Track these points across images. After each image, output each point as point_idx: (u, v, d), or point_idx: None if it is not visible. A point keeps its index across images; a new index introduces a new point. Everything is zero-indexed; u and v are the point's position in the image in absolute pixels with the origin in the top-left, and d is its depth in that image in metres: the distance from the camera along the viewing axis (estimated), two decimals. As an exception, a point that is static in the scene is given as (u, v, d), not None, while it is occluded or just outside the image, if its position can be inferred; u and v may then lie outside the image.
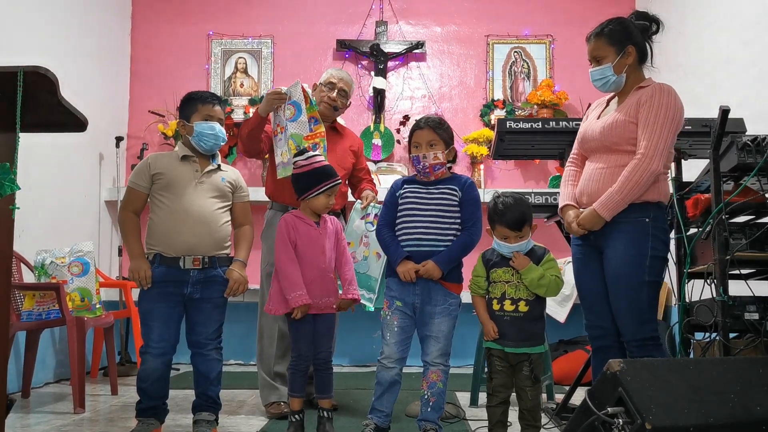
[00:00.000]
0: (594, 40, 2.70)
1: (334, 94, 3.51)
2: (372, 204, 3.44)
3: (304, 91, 3.22)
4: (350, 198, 3.74)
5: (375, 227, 3.03)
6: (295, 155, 2.94)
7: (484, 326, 2.69)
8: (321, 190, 2.83)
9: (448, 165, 2.84)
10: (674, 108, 2.56)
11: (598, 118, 2.74)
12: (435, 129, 2.80)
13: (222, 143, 2.94)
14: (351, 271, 2.92)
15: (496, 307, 2.67)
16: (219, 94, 5.57)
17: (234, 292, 2.88)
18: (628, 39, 2.66)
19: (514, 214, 2.63)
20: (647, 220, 2.56)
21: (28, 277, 3.92)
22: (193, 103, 2.94)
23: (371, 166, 5.52)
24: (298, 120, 3.20)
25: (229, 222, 2.95)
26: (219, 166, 2.96)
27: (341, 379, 3.70)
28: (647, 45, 2.71)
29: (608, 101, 2.80)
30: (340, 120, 4.08)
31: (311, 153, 2.92)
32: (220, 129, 2.92)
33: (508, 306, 2.64)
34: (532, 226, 2.69)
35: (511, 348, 2.63)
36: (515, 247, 2.65)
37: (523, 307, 2.63)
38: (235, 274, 2.88)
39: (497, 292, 2.68)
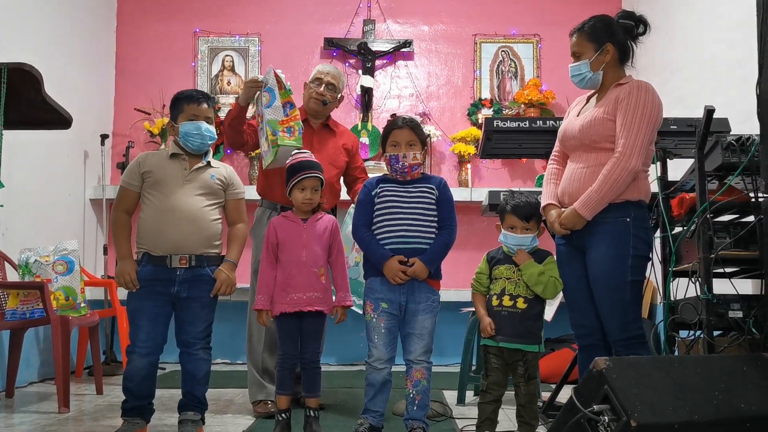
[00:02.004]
0: (576, 35, 2.72)
1: (322, 89, 3.49)
2: None
3: (276, 76, 3.22)
4: (344, 196, 3.72)
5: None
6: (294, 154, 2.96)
7: (481, 322, 2.71)
8: (292, 184, 2.85)
9: None
10: (652, 105, 2.57)
11: (578, 115, 2.76)
12: (414, 129, 2.82)
13: (210, 141, 2.91)
14: (343, 276, 2.89)
15: (495, 302, 2.69)
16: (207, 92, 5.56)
17: (219, 293, 2.87)
18: (608, 37, 2.67)
19: (525, 207, 2.70)
20: (628, 219, 2.57)
21: (12, 276, 3.88)
22: (179, 104, 2.92)
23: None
24: (273, 106, 3.19)
25: (219, 220, 2.93)
26: (209, 163, 2.94)
27: (328, 378, 3.69)
28: (630, 45, 2.72)
29: (588, 98, 2.82)
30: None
31: (297, 151, 2.96)
32: (206, 128, 2.88)
33: (506, 301, 2.66)
34: (540, 228, 2.74)
35: (506, 343, 2.65)
36: (520, 239, 2.68)
37: (521, 304, 2.65)
38: (222, 275, 2.86)
39: (497, 288, 2.71)
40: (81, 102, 5.04)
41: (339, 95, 3.60)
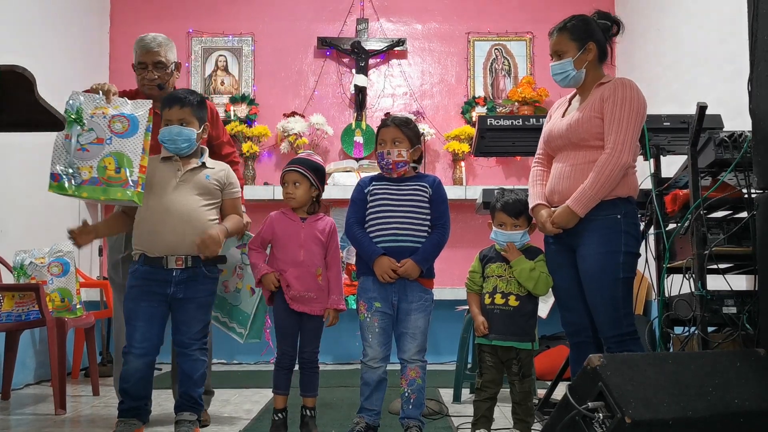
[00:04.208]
0: (557, 34, 2.74)
1: (150, 73, 3.18)
2: (247, 233, 3.11)
3: (152, 112, 2.78)
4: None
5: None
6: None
7: (474, 321, 2.72)
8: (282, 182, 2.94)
9: (413, 165, 2.86)
10: (638, 101, 2.60)
11: (563, 116, 2.78)
12: (400, 127, 2.82)
13: (184, 144, 2.84)
14: (337, 279, 2.91)
15: (487, 301, 2.71)
16: (200, 92, 5.55)
17: (202, 248, 2.75)
18: (589, 36, 2.70)
19: (514, 204, 2.72)
20: (619, 216, 2.58)
21: (7, 278, 3.88)
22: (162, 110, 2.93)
23: (352, 163, 5.52)
24: (133, 137, 2.70)
25: (216, 220, 2.92)
26: (204, 163, 2.93)
27: (324, 377, 3.68)
28: (607, 44, 2.75)
29: (570, 100, 2.84)
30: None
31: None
32: (178, 131, 2.83)
33: (498, 299, 2.68)
34: (531, 224, 2.75)
35: (498, 341, 2.66)
36: (510, 235, 2.70)
37: (513, 301, 2.67)
38: (212, 230, 2.77)
39: (489, 286, 2.72)
40: (74, 103, 5.02)
41: (172, 66, 3.22)
